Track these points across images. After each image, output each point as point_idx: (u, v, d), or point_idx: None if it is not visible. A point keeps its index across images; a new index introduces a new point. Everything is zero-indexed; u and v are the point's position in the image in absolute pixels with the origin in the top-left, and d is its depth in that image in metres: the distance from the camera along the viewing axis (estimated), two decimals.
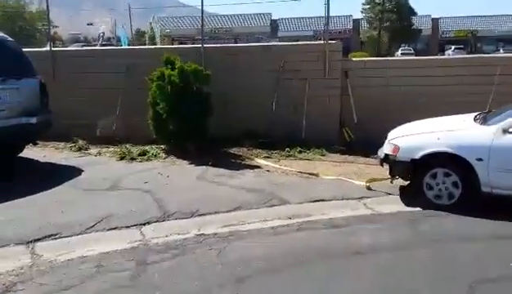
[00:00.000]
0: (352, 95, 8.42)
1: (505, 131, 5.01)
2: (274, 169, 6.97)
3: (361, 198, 5.68)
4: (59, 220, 4.91)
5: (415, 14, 50.80)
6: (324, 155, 7.77)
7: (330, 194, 5.76)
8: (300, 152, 7.86)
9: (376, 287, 3.67)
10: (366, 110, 8.22)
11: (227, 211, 5.24)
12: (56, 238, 4.53)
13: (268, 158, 7.58)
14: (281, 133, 8.23)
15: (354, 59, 9.17)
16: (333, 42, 8.80)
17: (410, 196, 5.62)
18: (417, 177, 5.46)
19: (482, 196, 5.13)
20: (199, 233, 4.65)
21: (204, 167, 6.99)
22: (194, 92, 7.65)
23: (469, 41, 51.28)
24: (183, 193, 5.82)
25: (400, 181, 5.92)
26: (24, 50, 7.50)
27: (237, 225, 4.86)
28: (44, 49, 10.53)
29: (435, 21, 52.70)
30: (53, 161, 7.49)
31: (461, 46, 45.21)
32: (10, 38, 7.23)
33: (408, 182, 5.84)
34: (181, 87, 7.52)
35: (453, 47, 44.80)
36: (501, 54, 8.64)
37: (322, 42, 8.82)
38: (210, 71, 7.90)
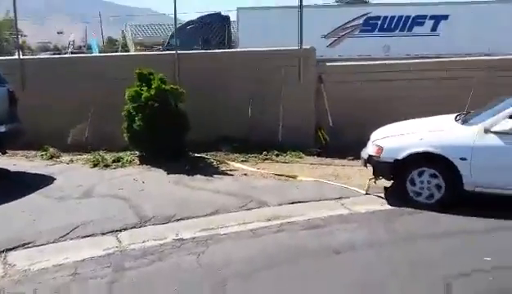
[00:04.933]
0: (326, 99, 8.52)
1: (487, 131, 5.14)
2: (251, 172, 6.96)
3: (339, 198, 5.74)
4: (32, 229, 4.76)
5: None
6: (301, 158, 7.83)
7: (308, 196, 5.79)
8: (277, 155, 7.89)
9: (355, 284, 3.69)
10: (340, 113, 8.31)
11: (205, 216, 5.19)
12: (29, 247, 4.39)
13: (245, 161, 7.57)
14: (258, 138, 8.24)
15: (328, 63, 9.20)
16: (307, 47, 8.90)
17: (391, 195, 5.71)
18: (400, 177, 5.49)
19: (465, 194, 5.23)
20: (177, 238, 4.59)
21: (180, 172, 6.90)
22: (170, 110, 7.50)
23: None
24: (160, 199, 5.73)
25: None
26: None
27: (216, 229, 4.81)
28: (13, 57, 10.25)
29: None
30: (24, 169, 7.27)
31: None
32: None
33: (391, 182, 5.91)
34: (159, 107, 7.35)
35: None
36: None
37: (297, 47, 8.90)
38: (184, 78, 7.81)
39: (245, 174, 6.91)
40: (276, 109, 8.48)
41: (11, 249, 4.32)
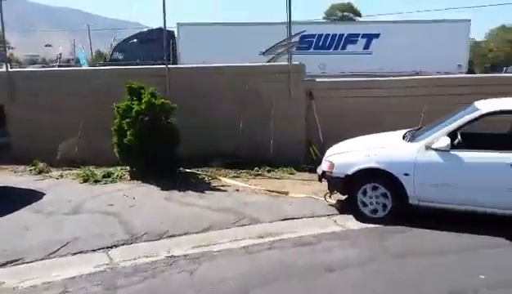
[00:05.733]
0: (316, 115, 8.57)
1: (428, 148, 5.34)
2: (243, 188, 6.95)
3: (331, 214, 5.76)
4: (21, 246, 4.69)
5: None
6: (292, 174, 7.84)
7: (300, 212, 5.80)
8: (269, 171, 7.90)
9: None
10: (329, 129, 8.35)
11: (197, 232, 5.16)
12: (18, 264, 4.32)
13: (237, 177, 7.55)
14: (249, 153, 8.23)
15: (317, 79, 9.28)
16: (296, 63, 8.97)
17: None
18: (351, 192, 5.72)
19: (412, 208, 5.41)
20: (169, 255, 4.56)
21: (171, 188, 6.86)
22: (161, 125, 7.44)
23: None
24: (151, 215, 5.69)
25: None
26: None
27: (208, 246, 4.79)
28: (0, 70, 10.17)
29: None
30: (12, 184, 7.15)
31: None
32: None
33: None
34: (149, 121, 7.29)
35: None
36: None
37: (286, 63, 8.97)
38: (175, 92, 7.79)
39: (237, 190, 6.89)
40: (267, 125, 8.49)
41: (0, 266, 4.25)
